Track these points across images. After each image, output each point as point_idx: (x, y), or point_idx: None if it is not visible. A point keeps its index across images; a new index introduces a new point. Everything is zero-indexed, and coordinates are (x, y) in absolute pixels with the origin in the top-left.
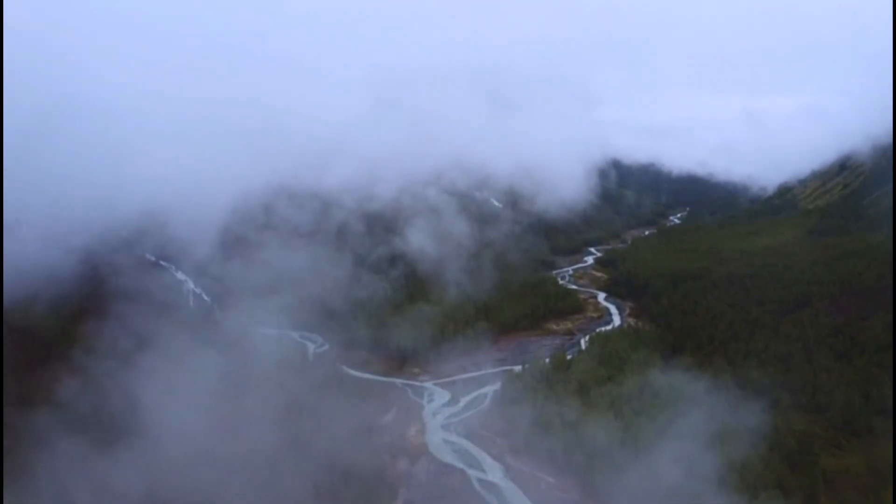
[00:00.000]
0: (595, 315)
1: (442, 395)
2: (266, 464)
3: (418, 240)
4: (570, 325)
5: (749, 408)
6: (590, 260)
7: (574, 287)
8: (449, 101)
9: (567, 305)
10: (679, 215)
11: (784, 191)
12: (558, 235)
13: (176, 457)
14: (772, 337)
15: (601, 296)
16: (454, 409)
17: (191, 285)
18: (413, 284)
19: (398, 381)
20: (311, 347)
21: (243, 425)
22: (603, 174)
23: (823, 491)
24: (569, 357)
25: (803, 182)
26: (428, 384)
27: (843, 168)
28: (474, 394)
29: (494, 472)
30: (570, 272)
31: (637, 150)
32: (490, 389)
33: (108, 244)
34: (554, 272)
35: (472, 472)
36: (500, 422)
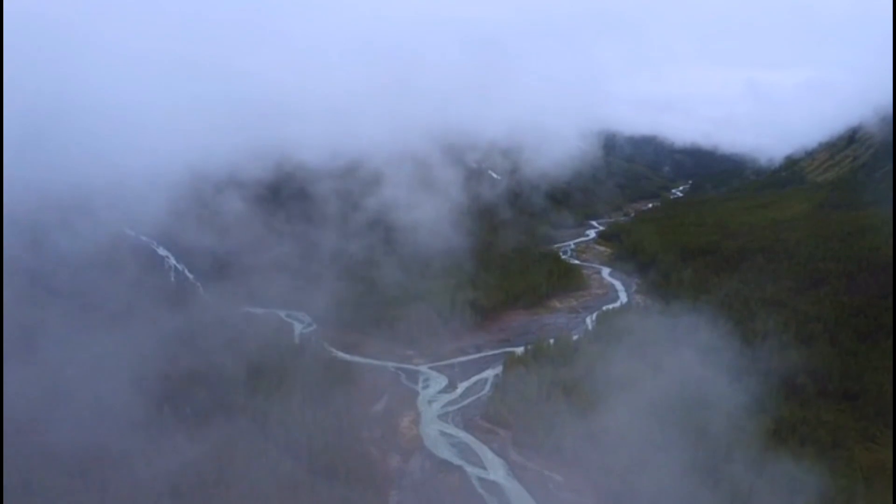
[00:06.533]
0: (600, 292)
1: (438, 381)
2: (238, 459)
3: (412, 213)
4: (574, 302)
5: (774, 396)
6: (592, 234)
7: (577, 262)
8: (448, 73)
9: (570, 281)
10: (682, 188)
11: (791, 163)
12: (559, 208)
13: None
14: (791, 317)
15: (605, 271)
16: (451, 397)
17: (172, 261)
18: (406, 260)
19: (390, 364)
20: (297, 327)
21: (214, 415)
22: (604, 146)
23: (864, 491)
24: (575, 337)
25: (811, 154)
26: (423, 368)
27: (852, 140)
28: (473, 378)
29: (496, 470)
30: (572, 246)
31: (639, 122)
32: (490, 374)
33: (83, 218)
34: (555, 246)
35: (471, 470)
36: (502, 411)
